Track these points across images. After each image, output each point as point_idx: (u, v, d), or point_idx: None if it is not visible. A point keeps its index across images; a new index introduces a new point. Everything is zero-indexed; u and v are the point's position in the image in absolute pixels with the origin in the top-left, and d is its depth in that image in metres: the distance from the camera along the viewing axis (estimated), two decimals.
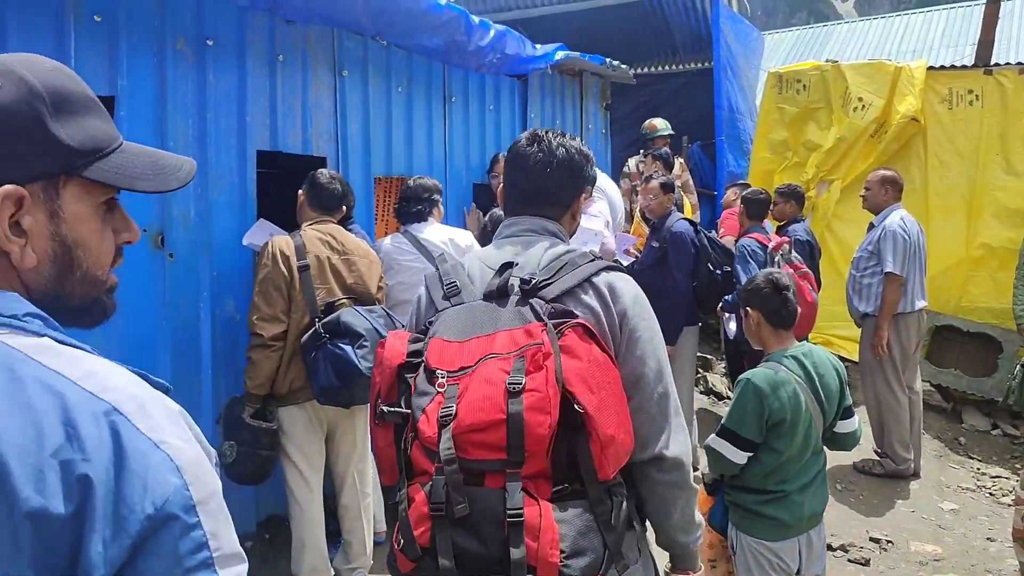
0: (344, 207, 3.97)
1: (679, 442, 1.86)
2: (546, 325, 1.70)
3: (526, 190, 2.06)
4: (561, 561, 1.56)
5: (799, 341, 5.46)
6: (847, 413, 3.10)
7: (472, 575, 1.59)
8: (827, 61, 8.10)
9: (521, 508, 1.58)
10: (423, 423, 1.65)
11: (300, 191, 3.92)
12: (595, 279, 1.87)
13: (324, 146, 4.61)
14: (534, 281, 1.84)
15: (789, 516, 2.95)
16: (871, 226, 5.80)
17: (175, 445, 0.86)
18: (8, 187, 0.92)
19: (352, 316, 3.61)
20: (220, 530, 0.88)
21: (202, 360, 3.91)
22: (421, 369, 1.74)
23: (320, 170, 3.91)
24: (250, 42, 4.11)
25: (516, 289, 1.83)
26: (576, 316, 1.77)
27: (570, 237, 2.11)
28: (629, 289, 1.90)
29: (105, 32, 3.43)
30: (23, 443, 0.78)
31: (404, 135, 5.27)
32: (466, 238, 4.50)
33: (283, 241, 3.65)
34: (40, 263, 0.97)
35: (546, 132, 2.07)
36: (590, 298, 1.85)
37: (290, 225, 3.92)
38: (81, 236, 1.00)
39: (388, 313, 3.81)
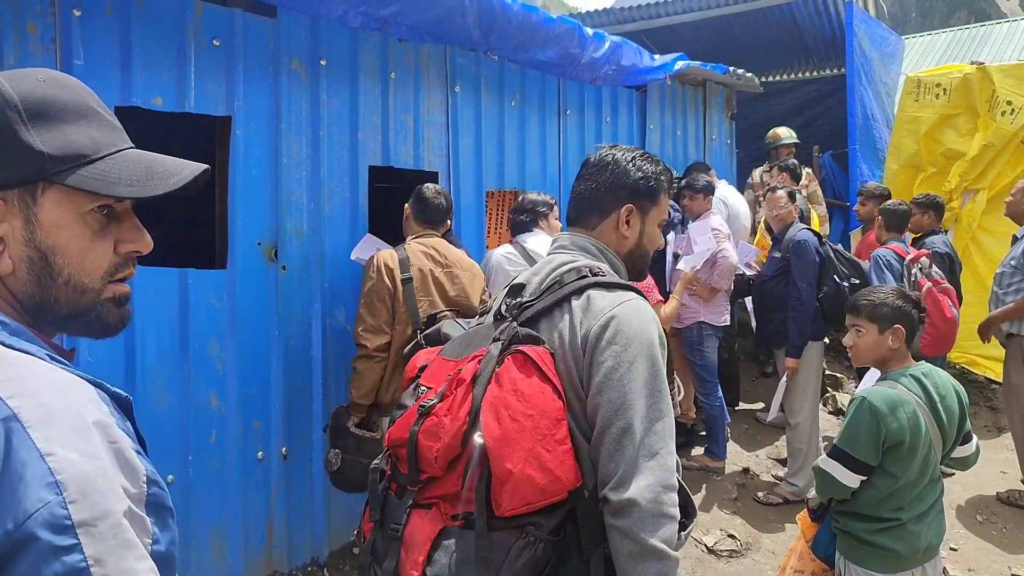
0: (448, 221, 4.02)
1: (639, 487, 1.59)
2: (487, 351, 1.69)
3: (570, 203, 2.03)
4: None
5: (937, 359, 5.17)
6: (967, 438, 2.88)
7: None
8: (972, 63, 7.60)
9: (401, 523, 1.68)
10: (388, 432, 1.78)
11: (406, 205, 4.00)
12: (573, 300, 1.76)
13: (436, 161, 4.69)
14: (522, 303, 1.81)
15: (904, 547, 2.75)
16: (1015, 239, 5.38)
17: (64, 458, 0.80)
18: None
19: (453, 328, 3.61)
20: (109, 557, 0.80)
21: (313, 370, 4.04)
22: (413, 383, 1.85)
23: (426, 184, 3.98)
24: (363, 61, 4.23)
25: (502, 312, 1.83)
26: (540, 341, 1.72)
27: (629, 249, 1.99)
28: (606, 311, 1.71)
29: (223, 55, 3.61)
30: None
31: (517, 149, 5.30)
32: None
33: (388, 254, 3.74)
34: (17, 269, 0.98)
35: (612, 147, 2.03)
36: (562, 320, 1.75)
37: (399, 238, 4.00)
38: (59, 243, 1.00)
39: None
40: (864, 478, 2.76)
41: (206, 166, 1.11)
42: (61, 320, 1.04)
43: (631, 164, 1.97)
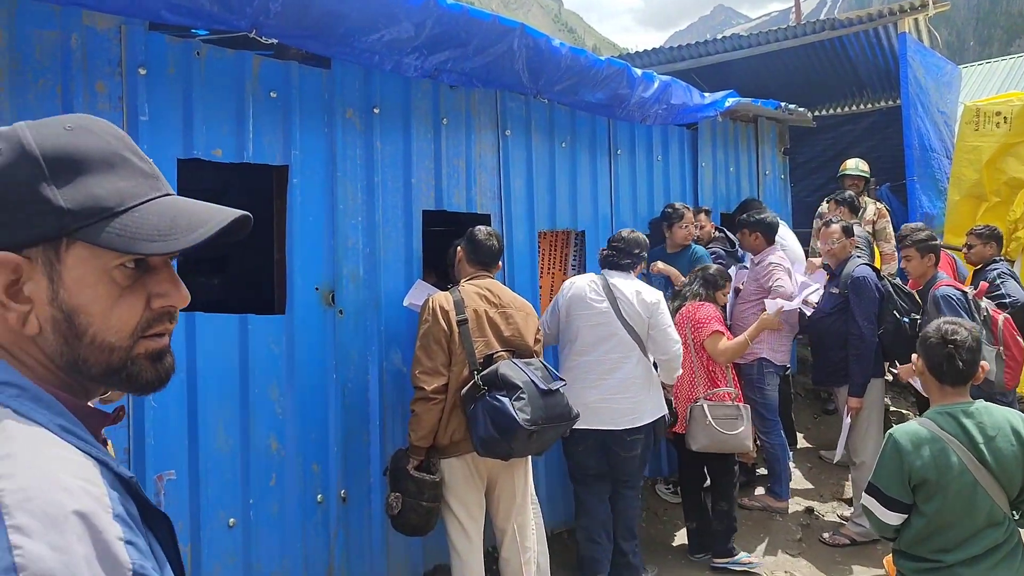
0: (500, 262, 4.05)
1: None
2: None
3: None
4: None
5: (1008, 393, 4.97)
6: None
7: None
8: None
9: None
10: None
11: (458, 247, 4.05)
12: None
13: (488, 203, 4.74)
14: None
15: None
16: None
17: (32, 552, 0.75)
18: (1, 254, 0.92)
19: (509, 368, 3.65)
20: None
21: (370, 412, 4.07)
22: None
23: (478, 227, 4.02)
24: (415, 108, 4.32)
25: None
26: None
27: None
28: None
29: (280, 106, 3.72)
30: None
31: (568, 189, 5.33)
32: (653, 295, 4.54)
33: (443, 297, 3.77)
34: (44, 330, 0.95)
35: None
36: None
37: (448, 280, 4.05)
38: (82, 302, 0.95)
39: (545, 365, 3.83)
40: (904, 516, 2.76)
41: (241, 213, 1.04)
42: (96, 378, 1.00)
43: None
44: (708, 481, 5.18)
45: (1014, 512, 2.73)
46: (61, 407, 0.94)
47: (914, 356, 2.96)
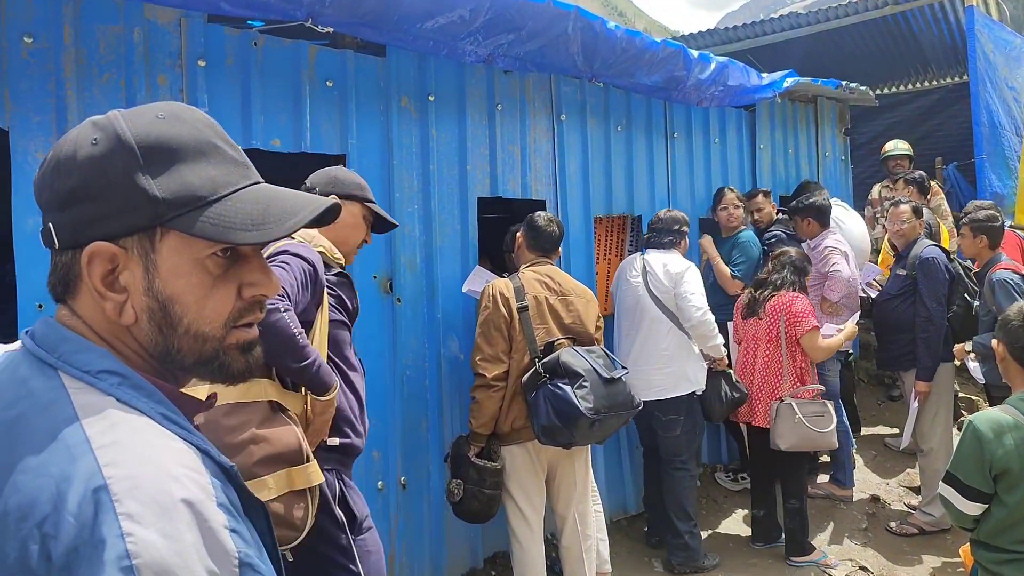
0: (560, 249, 4.01)
1: None
2: None
3: None
4: None
5: None
6: None
7: None
8: None
9: None
10: None
11: (518, 234, 4.02)
12: None
13: (543, 189, 4.70)
14: None
15: None
16: None
17: (143, 539, 0.76)
18: (97, 244, 0.92)
19: (571, 356, 3.62)
20: None
21: (429, 400, 4.07)
22: None
23: (538, 212, 3.99)
24: (470, 95, 4.29)
25: None
26: None
27: None
28: None
29: (336, 96, 3.72)
30: (23, 504, 0.79)
31: (624, 174, 5.26)
32: (680, 266, 4.60)
33: (503, 283, 3.76)
34: (139, 319, 0.95)
35: None
36: None
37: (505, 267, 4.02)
38: (177, 291, 0.95)
39: (607, 353, 3.80)
40: (985, 505, 2.67)
41: (332, 201, 1.05)
42: (188, 368, 1.01)
43: None
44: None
45: None
46: (161, 395, 0.95)
47: (994, 341, 2.85)
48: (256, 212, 0.97)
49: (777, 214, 6.12)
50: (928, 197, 6.80)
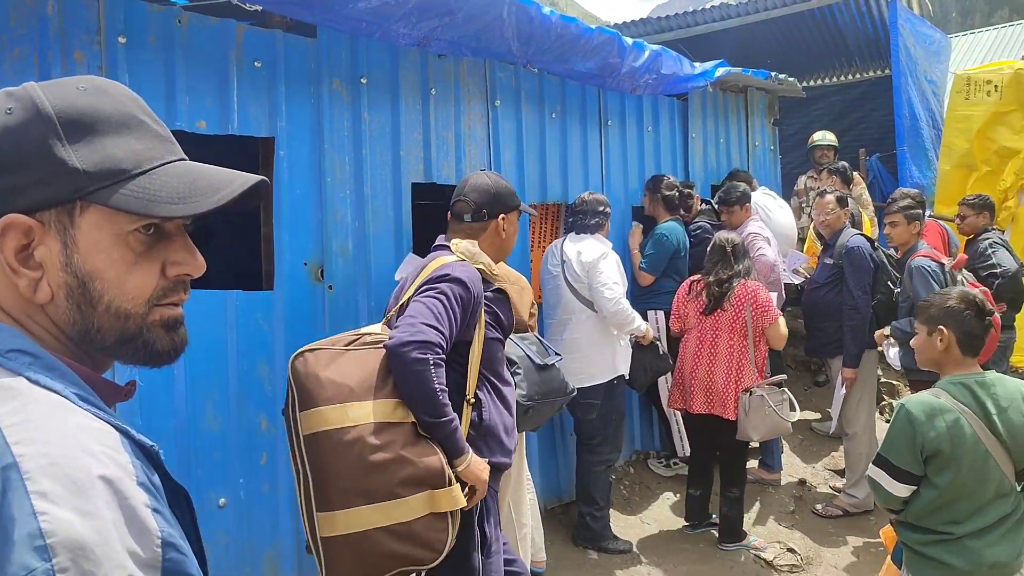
0: None
1: None
2: None
3: None
4: None
5: (1001, 364, 4.93)
6: None
7: None
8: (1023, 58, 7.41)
9: None
10: None
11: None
12: None
13: None
14: None
15: (962, 562, 2.65)
16: None
17: (58, 517, 0.72)
18: (11, 216, 0.88)
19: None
20: None
21: None
22: None
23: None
24: (403, 78, 4.21)
25: None
26: None
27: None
28: None
29: (265, 77, 3.61)
30: None
31: (559, 161, 5.25)
32: (591, 254, 4.60)
33: None
34: (56, 297, 0.91)
35: None
36: None
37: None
38: (97, 267, 0.91)
39: (540, 340, 3.78)
40: (914, 487, 2.71)
41: (260, 178, 1.00)
42: (108, 348, 0.96)
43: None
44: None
45: (1019, 483, 2.71)
46: (75, 376, 0.90)
47: (916, 325, 2.90)
48: (182, 186, 0.94)
49: (702, 205, 6.19)
50: (851, 187, 6.97)
